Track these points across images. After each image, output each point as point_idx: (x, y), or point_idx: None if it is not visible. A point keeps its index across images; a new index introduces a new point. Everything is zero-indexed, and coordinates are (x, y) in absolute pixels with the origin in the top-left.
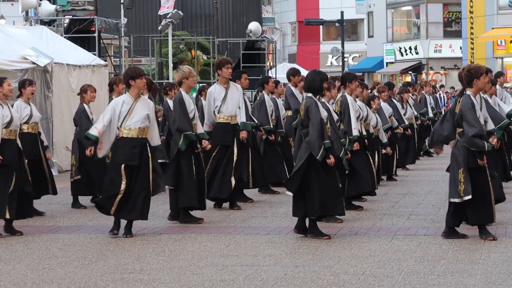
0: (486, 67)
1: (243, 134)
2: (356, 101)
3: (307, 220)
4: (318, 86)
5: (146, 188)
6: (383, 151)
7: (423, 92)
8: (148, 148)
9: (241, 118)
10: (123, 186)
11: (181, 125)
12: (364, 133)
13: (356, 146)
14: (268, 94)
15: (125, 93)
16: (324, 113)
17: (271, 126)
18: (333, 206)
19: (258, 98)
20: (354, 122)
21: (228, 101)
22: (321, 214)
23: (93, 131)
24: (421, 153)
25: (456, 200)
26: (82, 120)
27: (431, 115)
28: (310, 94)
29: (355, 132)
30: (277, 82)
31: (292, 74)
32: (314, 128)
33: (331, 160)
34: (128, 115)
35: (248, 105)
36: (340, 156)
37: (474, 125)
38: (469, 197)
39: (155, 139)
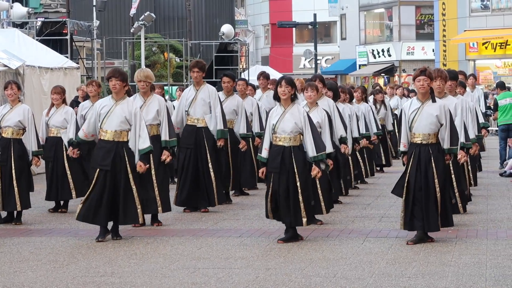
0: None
1: (221, 142)
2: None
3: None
4: (275, 93)
5: (126, 193)
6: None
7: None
8: (125, 152)
9: (218, 125)
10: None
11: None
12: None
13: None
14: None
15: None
16: (272, 121)
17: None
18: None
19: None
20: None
21: (196, 104)
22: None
23: (80, 133)
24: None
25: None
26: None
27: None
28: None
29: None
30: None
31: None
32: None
33: (261, 173)
34: (106, 117)
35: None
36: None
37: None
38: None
39: (139, 142)
